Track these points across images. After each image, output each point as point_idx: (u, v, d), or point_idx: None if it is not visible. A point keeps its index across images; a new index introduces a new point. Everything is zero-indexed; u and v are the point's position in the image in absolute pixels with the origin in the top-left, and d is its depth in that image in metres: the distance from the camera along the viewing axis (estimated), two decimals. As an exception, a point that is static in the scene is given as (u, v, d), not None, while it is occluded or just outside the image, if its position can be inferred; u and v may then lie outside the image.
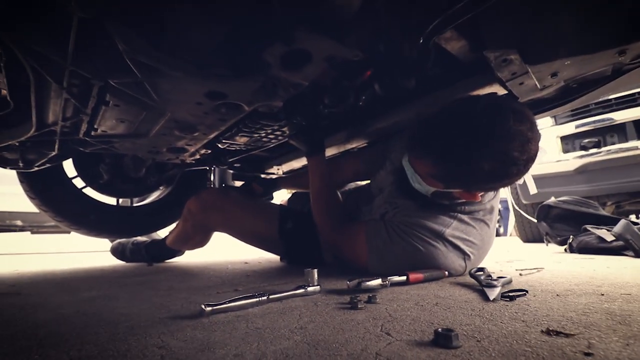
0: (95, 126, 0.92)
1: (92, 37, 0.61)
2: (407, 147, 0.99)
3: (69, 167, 1.56)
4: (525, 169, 0.84)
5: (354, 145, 1.45)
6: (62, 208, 1.54)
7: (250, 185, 1.62)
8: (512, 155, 0.79)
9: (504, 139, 0.79)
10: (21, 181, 1.47)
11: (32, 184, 1.47)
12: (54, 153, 1.12)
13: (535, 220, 2.39)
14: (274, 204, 1.56)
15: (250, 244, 1.47)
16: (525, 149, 0.80)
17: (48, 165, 1.24)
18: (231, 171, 1.86)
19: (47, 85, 0.76)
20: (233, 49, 0.68)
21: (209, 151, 1.33)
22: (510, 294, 0.72)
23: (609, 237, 1.83)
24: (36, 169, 1.24)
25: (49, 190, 1.51)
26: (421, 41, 0.84)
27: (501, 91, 0.97)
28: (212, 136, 1.06)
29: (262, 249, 1.49)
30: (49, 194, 1.51)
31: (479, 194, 0.97)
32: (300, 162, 1.65)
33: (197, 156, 1.34)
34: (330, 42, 0.65)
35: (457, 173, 0.87)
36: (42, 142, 1.05)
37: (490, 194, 1.07)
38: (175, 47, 0.62)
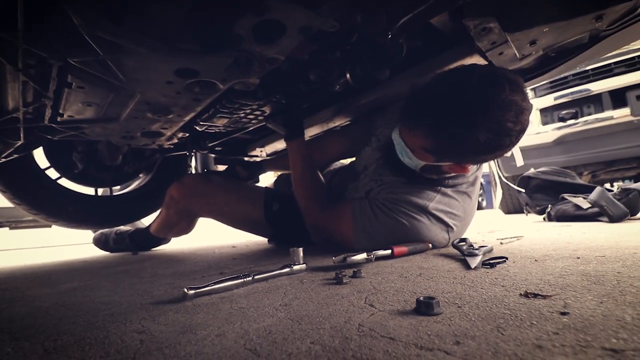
0: (61, 111, 0.86)
1: (44, 12, 0.56)
2: (399, 119, 0.97)
3: (42, 158, 1.49)
4: (517, 140, 0.84)
5: (336, 124, 1.43)
6: (37, 201, 1.48)
7: (234, 169, 1.59)
8: (506, 126, 0.78)
9: (500, 109, 0.77)
10: (-11, 174, 1.39)
11: (2, 177, 1.40)
12: (20, 142, 1.06)
13: (523, 190, 2.45)
14: (259, 186, 1.54)
15: (236, 228, 1.46)
16: (519, 120, 0.79)
17: (16, 155, 1.17)
18: (213, 155, 1.82)
19: (2, 67, 0.70)
20: (201, 21, 0.64)
21: (187, 135, 1.28)
22: (491, 262, 0.74)
23: (585, 205, 1.90)
24: (3, 160, 1.18)
25: (20, 183, 1.44)
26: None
27: (481, 62, 0.96)
28: (188, 118, 1.01)
29: (249, 232, 1.48)
30: (20, 186, 1.44)
31: (469, 167, 0.97)
32: (283, 143, 1.62)
33: (175, 140, 1.29)
34: (304, 11, 0.61)
35: (450, 145, 0.86)
36: (5, 130, 0.99)
37: (474, 166, 1.08)
38: (137, 20, 0.58)
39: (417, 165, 0.97)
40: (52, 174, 1.52)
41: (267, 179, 1.99)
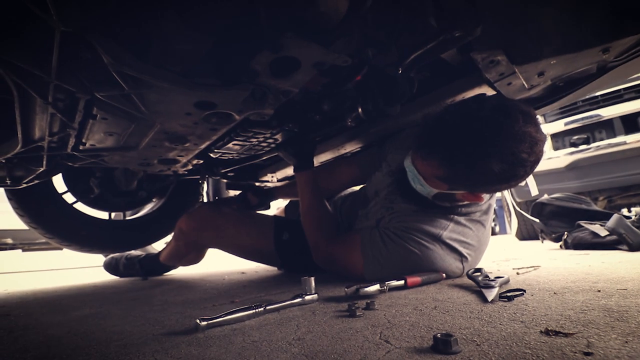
0: (84, 140, 0.90)
1: (76, 51, 0.60)
2: (413, 148, 0.97)
3: (59, 182, 1.54)
4: (531, 170, 0.84)
5: (347, 150, 1.45)
6: (53, 225, 1.51)
7: (245, 196, 1.60)
8: (520, 156, 0.79)
9: (514, 140, 0.78)
10: (9, 198, 1.44)
11: (21, 201, 1.44)
12: (42, 169, 1.10)
13: (537, 220, 2.39)
14: (267, 215, 1.53)
15: (246, 259, 1.45)
16: (533, 151, 0.80)
17: (37, 181, 1.21)
18: (225, 180, 1.85)
19: (32, 100, 0.74)
20: (220, 58, 0.68)
21: (201, 161, 1.32)
22: (508, 294, 0.71)
23: (602, 232, 1.84)
24: (24, 185, 1.22)
25: (38, 207, 1.48)
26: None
27: (489, 92, 0.98)
28: (203, 146, 1.04)
29: (259, 262, 1.47)
30: (38, 210, 1.48)
31: (483, 195, 0.96)
32: (294, 169, 1.64)
33: (189, 166, 1.33)
34: (318, 48, 0.64)
35: (464, 175, 0.86)
36: (29, 158, 1.03)
37: (487, 194, 1.07)
38: (161, 58, 0.62)
39: (430, 192, 0.97)
40: (69, 198, 1.56)
41: (277, 204, 1.99)
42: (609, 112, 2.60)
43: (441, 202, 1.00)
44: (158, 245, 2.99)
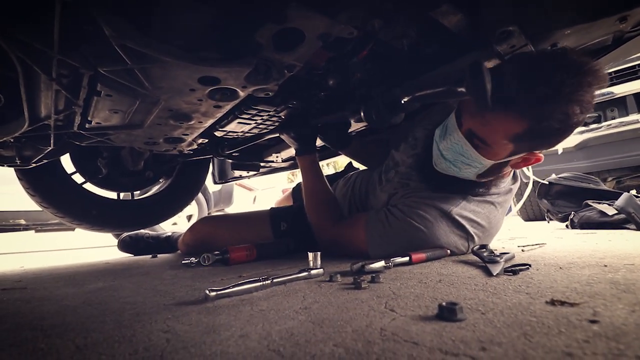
0: (89, 118, 0.90)
1: (77, 24, 0.59)
2: (470, 113, 0.86)
3: (68, 163, 1.56)
4: None
5: (351, 129, 1.43)
6: (63, 204, 1.54)
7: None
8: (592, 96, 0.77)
9: (592, 76, 0.76)
10: (20, 178, 1.46)
11: (31, 181, 1.46)
12: (50, 148, 1.11)
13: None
14: (262, 212, 1.54)
15: None
16: None
17: (45, 161, 1.22)
18: (230, 161, 1.85)
19: (36, 77, 0.74)
20: (223, 31, 0.66)
21: (207, 141, 1.32)
22: (514, 269, 0.72)
23: (610, 211, 1.83)
24: (34, 165, 1.23)
25: (48, 187, 1.50)
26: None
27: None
28: (208, 124, 1.04)
29: None
30: (48, 190, 1.50)
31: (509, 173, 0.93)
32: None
33: (195, 146, 1.33)
34: (323, 19, 0.63)
35: (555, 119, 0.77)
36: (37, 137, 1.04)
37: (510, 177, 1.05)
38: (163, 31, 0.61)
39: (484, 167, 0.90)
40: (78, 178, 1.58)
41: (273, 197, 1.98)
42: (622, 89, 2.52)
43: (485, 178, 0.96)
44: (165, 225, 3.05)
